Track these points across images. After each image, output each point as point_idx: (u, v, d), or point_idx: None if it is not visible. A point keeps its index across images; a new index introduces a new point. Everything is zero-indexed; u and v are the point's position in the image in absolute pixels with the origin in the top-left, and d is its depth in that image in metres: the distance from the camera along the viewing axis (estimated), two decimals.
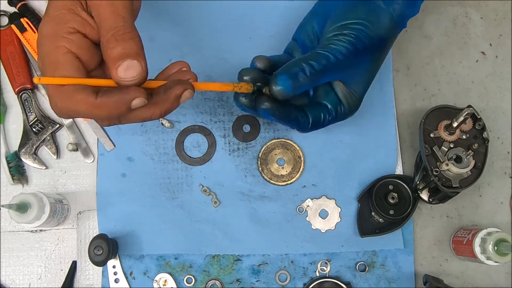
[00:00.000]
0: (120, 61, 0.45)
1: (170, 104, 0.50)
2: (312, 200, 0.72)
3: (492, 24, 0.76)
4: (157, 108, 0.49)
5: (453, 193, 0.65)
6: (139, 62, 0.46)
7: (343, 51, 0.56)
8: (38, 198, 0.65)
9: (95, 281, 0.70)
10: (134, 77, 0.46)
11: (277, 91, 0.55)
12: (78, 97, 0.46)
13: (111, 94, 0.46)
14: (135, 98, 0.46)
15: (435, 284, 0.65)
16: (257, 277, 0.71)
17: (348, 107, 0.60)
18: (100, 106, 0.46)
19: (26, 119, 0.73)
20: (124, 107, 0.47)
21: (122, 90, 0.46)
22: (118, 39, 0.46)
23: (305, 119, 0.59)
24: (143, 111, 0.49)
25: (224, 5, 0.75)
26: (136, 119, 0.50)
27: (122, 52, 0.46)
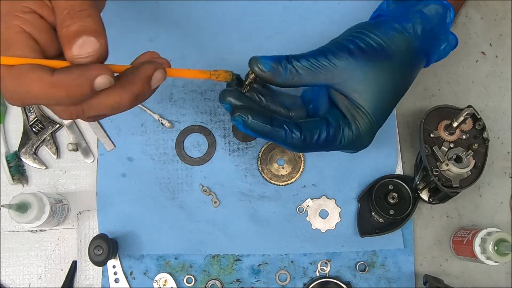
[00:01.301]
0: (75, 38, 0.40)
1: (140, 86, 0.44)
2: (312, 200, 0.72)
3: (492, 24, 0.76)
4: (126, 91, 0.43)
5: (453, 193, 0.65)
6: (97, 39, 0.41)
7: (332, 48, 0.54)
8: (38, 198, 0.65)
9: (95, 281, 0.71)
10: (89, 53, 0.40)
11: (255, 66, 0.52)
12: (32, 76, 0.40)
13: (70, 70, 0.40)
14: (99, 75, 0.41)
15: (435, 284, 0.65)
16: (257, 277, 0.71)
17: (356, 126, 0.54)
18: (57, 84, 0.40)
19: (26, 119, 0.73)
20: (87, 86, 0.40)
21: (83, 66, 0.41)
22: (74, 17, 0.41)
23: (296, 130, 0.53)
24: (109, 96, 0.43)
25: (224, 5, 0.75)
26: (102, 107, 0.43)
27: (78, 29, 0.41)
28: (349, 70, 0.53)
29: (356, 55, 0.53)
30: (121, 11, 0.75)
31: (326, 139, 0.54)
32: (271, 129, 0.53)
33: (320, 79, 0.54)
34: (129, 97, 0.43)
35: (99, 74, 0.41)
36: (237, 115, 0.52)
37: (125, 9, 0.75)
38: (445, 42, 0.60)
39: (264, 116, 0.53)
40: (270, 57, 0.53)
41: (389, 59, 0.55)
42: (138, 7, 0.75)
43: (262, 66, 0.53)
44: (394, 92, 0.56)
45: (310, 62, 0.53)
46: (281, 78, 0.53)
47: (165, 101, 0.74)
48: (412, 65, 0.57)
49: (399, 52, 0.55)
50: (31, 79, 0.40)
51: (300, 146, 0.54)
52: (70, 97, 0.41)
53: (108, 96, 0.43)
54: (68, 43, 0.41)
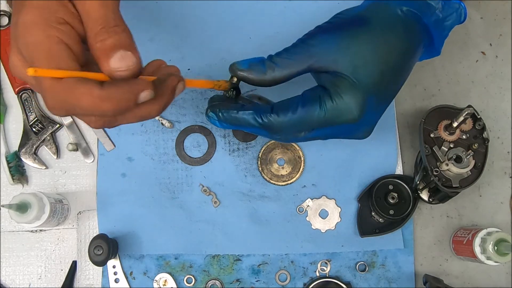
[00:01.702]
0: (112, 52, 0.42)
1: (168, 97, 0.46)
2: (312, 200, 0.72)
3: (492, 24, 0.76)
4: (157, 102, 0.45)
5: (453, 193, 0.65)
6: (133, 54, 0.43)
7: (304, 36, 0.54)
8: (38, 198, 0.65)
9: (95, 281, 0.71)
10: (129, 66, 0.42)
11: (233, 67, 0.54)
12: (81, 90, 0.41)
13: (119, 85, 0.42)
14: (144, 90, 0.43)
15: (435, 284, 0.65)
16: (257, 277, 0.71)
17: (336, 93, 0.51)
18: (106, 98, 0.41)
19: (26, 119, 0.73)
20: (133, 100, 0.42)
21: (130, 81, 0.42)
22: (109, 31, 0.43)
23: (266, 108, 0.53)
24: (144, 107, 0.45)
25: (224, 5, 0.75)
26: (134, 117, 0.46)
27: (114, 43, 0.42)
28: (324, 45, 0.53)
29: (328, 29, 0.54)
30: (121, 11, 0.75)
31: (302, 112, 0.52)
32: (242, 113, 0.54)
33: (300, 64, 0.53)
34: (159, 107, 0.46)
35: (144, 89, 0.43)
36: (209, 112, 0.55)
37: (125, 9, 0.75)
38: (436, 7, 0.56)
39: (235, 106, 0.54)
40: (249, 59, 0.55)
41: (364, 25, 0.53)
42: (138, 7, 0.75)
43: (238, 66, 0.54)
44: (380, 56, 0.53)
45: (288, 51, 0.54)
46: (259, 74, 0.54)
47: None
48: (397, 28, 0.54)
49: (375, 17, 0.53)
50: (81, 92, 0.41)
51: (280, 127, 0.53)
52: (116, 110, 0.42)
53: (143, 107, 0.45)
54: (105, 57, 0.42)
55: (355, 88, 0.52)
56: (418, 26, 0.55)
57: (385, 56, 0.53)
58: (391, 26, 0.54)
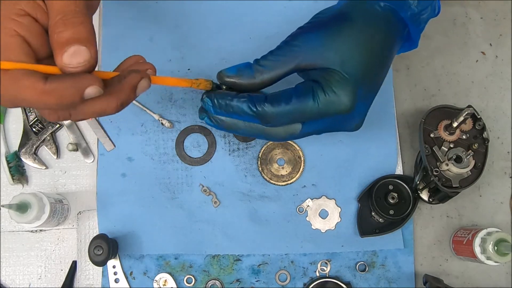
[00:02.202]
0: (66, 46, 0.41)
1: (126, 95, 0.46)
2: (312, 200, 0.72)
3: (492, 24, 0.76)
4: (112, 99, 0.45)
5: (453, 193, 0.65)
6: (88, 49, 0.42)
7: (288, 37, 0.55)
8: (38, 198, 0.65)
9: (95, 281, 0.71)
10: (80, 63, 0.42)
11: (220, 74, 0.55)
12: (25, 83, 0.41)
13: (62, 79, 0.42)
14: (89, 86, 0.42)
15: (435, 284, 0.65)
16: (257, 277, 0.71)
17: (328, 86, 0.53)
18: (49, 92, 0.41)
19: (26, 119, 0.73)
20: (77, 95, 0.42)
21: (75, 76, 0.42)
22: (66, 23, 0.42)
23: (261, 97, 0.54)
24: (96, 103, 0.44)
25: (224, 5, 0.75)
26: (89, 113, 0.45)
27: (69, 37, 0.41)
28: (309, 44, 0.54)
29: (311, 28, 0.55)
30: (121, 11, 0.75)
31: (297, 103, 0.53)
32: (237, 100, 0.54)
33: (287, 65, 0.55)
34: (115, 104, 0.45)
35: (89, 85, 0.42)
36: (205, 97, 0.55)
37: (125, 9, 0.75)
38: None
39: (230, 94, 0.55)
40: (235, 65, 0.55)
41: (346, 21, 0.55)
42: (138, 7, 0.75)
43: (226, 73, 0.55)
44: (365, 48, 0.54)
45: (273, 54, 0.55)
46: (248, 78, 0.55)
47: (165, 101, 0.74)
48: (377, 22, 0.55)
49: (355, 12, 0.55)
50: (24, 85, 0.41)
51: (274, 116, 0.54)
52: (60, 104, 0.42)
53: (95, 103, 0.44)
54: (60, 50, 0.42)
55: (345, 81, 0.53)
56: (395, 20, 0.57)
57: (369, 48, 0.54)
58: (371, 20, 0.55)
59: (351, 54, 0.54)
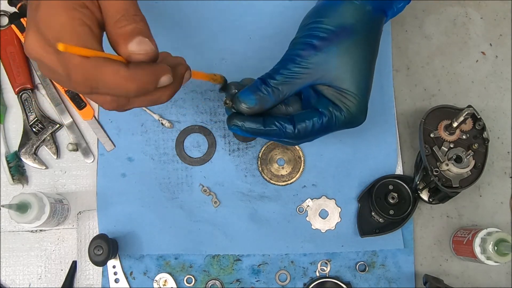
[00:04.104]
0: (131, 37, 0.44)
1: (177, 84, 0.49)
2: (312, 200, 0.72)
3: (492, 24, 0.76)
4: (167, 89, 0.48)
5: (453, 193, 0.65)
6: (150, 41, 0.45)
7: (300, 53, 0.55)
8: (38, 198, 0.65)
9: (95, 281, 0.71)
10: (147, 51, 0.44)
11: (241, 105, 0.55)
12: (108, 69, 0.43)
13: (143, 66, 0.45)
14: (164, 75, 0.45)
15: (435, 284, 0.65)
16: (257, 277, 0.71)
17: (346, 109, 0.55)
18: (131, 78, 0.44)
19: (26, 119, 0.73)
20: (154, 82, 0.45)
21: (153, 64, 0.45)
22: (129, 19, 0.45)
23: (288, 125, 0.56)
24: (157, 92, 0.47)
25: (224, 5, 0.75)
26: (146, 101, 0.48)
27: (133, 30, 0.44)
28: (322, 63, 0.55)
29: (322, 47, 0.55)
30: None
31: (320, 128, 0.56)
32: (264, 129, 0.56)
33: (300, 83, 0.56)
34: (169, 93, 0.48)
35: (165, 74, 0.46)
36: (232, 125, 0.56)
37: None
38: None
39: (257, 119, 0.56)
40: (249, 90, 0.55)
41: (353, 34, 0.55)
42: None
43: (247, 104, 0.55)
44: (368, 61, 0.57)
45: (284, 74, 0.55)
46: (269, 103, 0.55)
47: None
48: (374, 27, 0.57)
49: (358, 23, 0.56)
50: (107, 71, 0.43)
51: (297, 138, 0.57)
52: (139, 90, 0.45)
53: (156, 92, 0.47)
54: (124, 41, 0.44)
55: (361, 103, 0.56)
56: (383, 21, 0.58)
57: (370, 59, 0.57)
58: (371, 27, 0.57)
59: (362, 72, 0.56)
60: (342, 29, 0.55)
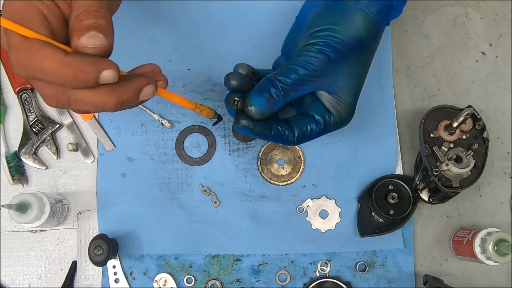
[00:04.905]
0: (86, 31, 0.43)
1: (129, 95, 0.46)
2: (312, 200, 0.72)
3: (492, 24, 0.76)
4: (114, 95, 0.45)
5: (453, 193, 0.65)
6: (105, 37, 0.44)
7: (313, 61, 0.54)
8: (38, 198, 0.65)
9: (95, 281, 0.71)
10: (96, 45, 0.43)
11: (253, 111, 0.54)
12: (45, 52, 0.43)
13: (83, 56, 0.43)
14: (107, 69, 0.44)
15: (435, 284, 0.65)
16: (257, 277, 0.71)
17: (339, 116, 0.57)
18: (69, 64, 0.42)
19: (26, 119, 0.73)
20: (94, 74, 0.43)
21: (96, 57, 0.44)
22: (89, 14, 0.44)
23: (289, 132, 0.57)
24: (98, 94, 0.45)
25: (224, 5, 0.75)
26: (88, 103, 0.46)
27: (90, 24, 0.44)
28: (332, 73, 0.55)
29: (336, 59, 0.55)
30: (121, 11, 0.74)
31: (316, 134, 0.58)
32: (271, 135, 0.57)
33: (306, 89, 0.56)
34: (115, 101, 0.46)
35: (108, 68, 0.44)
36: (242, 125, 0.55)
37: (125, 9, 0.75)
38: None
39: (264, 123, 0.56)
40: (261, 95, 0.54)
41: (363, 47, 0.56)
42: (138, 7, 0.75)
43: (260, 110, 0.55)
44: (366, 71, 0.59)
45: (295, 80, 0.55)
46: (277, 107, 0.56)
47: (165, 101, 0.74)
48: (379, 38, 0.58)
49: (369, 35, 0.56)
50: (44, 54, 0.43)
51: (295, 143, 0.58)
52: (75, 79, 0.43)
53: (97, 94, 0.45)
54: (78, 33, 0.44)
55: (352, 110, 0.58)
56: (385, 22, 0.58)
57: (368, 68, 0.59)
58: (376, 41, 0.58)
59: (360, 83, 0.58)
60: (356, 43, 0.55)
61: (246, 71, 0.57)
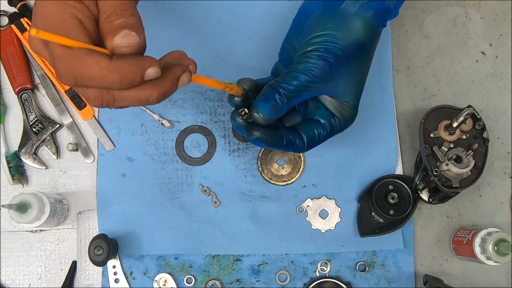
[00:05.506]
0: (118, 30, 0.44)
1: (169, 86, 0.47)
2: (312, 200, 0.72)
3: (492, 24, 0.76)
4: (156, 88, 0.47)
5: (453, 193, 0.65)
6: (137, 34, 0.45)
7: (314, 68, 0.54)
8: (38, 198, 0.65)
9: (95, 281, 0.71)
10: (130, 43, 0.44)
11: (260, 118, 0.54)
12: (90, 59, 0.43)
13: (127, 57, 0.44)
14: (151, 67, 0.45)
15: (435, 284, 0.65)
16: (257, 277, 0.71)
17: (343, 118, 0.58)
18: (114, 69, 0.43)
19: (26, 119, 0.73)
20: (139, 73, 0.44)
21: (138, 56, 0.45)
22: (119, 14, 0.45)
23: (300, 139, 0.57)
24: (142, 90, 0.46)
25: (224, 5, 0.75)
26: (133, 99, 0.47)
27: (121, 24, 0.45)
28: (333, 79, 0.56)
29: (337, 65, 0.55)
30: None
31: (323, 139, 0.59)
32: (284, 145, 0.57)
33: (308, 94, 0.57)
34: (158, 93, 0.47)
35: (151, 65, 0.45)
36: (256, 136, 0.56)
37: None
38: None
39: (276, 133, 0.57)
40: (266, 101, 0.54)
41: (364, 52, 0.57)
42: (138, 7, 0.74)
43: (266, 117, 0.55)
44: (366, 74, 0.59)
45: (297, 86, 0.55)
46: (282, 113, 0.56)
47: (165, 101, 0.73)
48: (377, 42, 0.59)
49: (369, 41, 0.57)
50: (89, 61, 0.43)
51: (305, 149, 0.59)
52: (122, 82, 0.44)
53: (141, 90, 0.46)
54: (111, 34, 0.44)
55: (355, 111, 0.59)
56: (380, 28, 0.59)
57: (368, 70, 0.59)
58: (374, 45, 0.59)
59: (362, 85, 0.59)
60: (356, 47, 0.55)
61: (248, 86, 0.57)
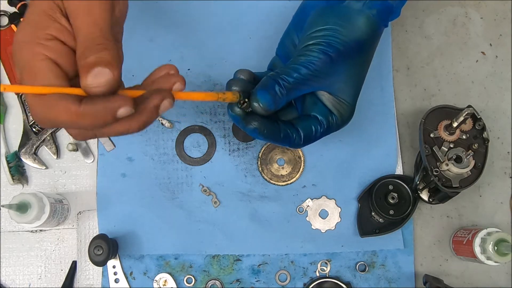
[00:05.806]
0: (90, 68, 0.43)
1: (148, 116, 0.46)
2: (312, 200, 0.72)
3: (492, 24, 0.76)
4: (134, 121, 0.46)
5: (453, 193, 0.65)
6: (111, 70, 0.43)
7: (315, 61, 0.54)
8: (38, 198, 0.65)
9: (95, 281, 0.71)
10: (101, 83, 0.43)
11: (260, 107, 0.54)
12: (60, 106, 0.43)
13: (95, 101, 0.43)
14: (122, 107, 0.43)
15: (435, 284, 0.65)
16: (257, 277, 0.71)
17: (340, 116, 0.58)
18: (84, 115, 0.43)
19: (26, 119, 0.73)
20: (110, 115, 0.43)
21: (107, 98, 0.43)
22: (92, 50, 0.44)
23: (296, 134, 0.57)
24: (120, 126, 0.46)
25: (224, 5, 0.75)
26: (112, 133, 0.46)
27: (94, 61, 0.43)
28: (332, 74, 0.56)
29: (338, 60, 0.55)
30: None
31: (320, 135, 0.58)
32: (281, 138, 0.57)
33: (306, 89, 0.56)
34: (137, 125, 0.46)
35: (122, 106, 0.43)
36: (254, 126, 0.55)
37: None
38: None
39: (274, 128, 0.56)
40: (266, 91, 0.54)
41: (364, 49, 0.57)
42: (138, 7, 0.75)
43: (266, 107, 0.54)
44: (366, 72, 0.59)
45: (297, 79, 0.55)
46: (280, 105, 0.55)
47: None
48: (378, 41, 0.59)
49: (370, 39, 0.57)
50: (59, 108, 0.43)
51: (301, 145, 0.58)
52: (94, 125, 0.44)
53: (119, 125, 0.45)
54: (84, 73, 0.43)
55: (352, 110, 0.59)
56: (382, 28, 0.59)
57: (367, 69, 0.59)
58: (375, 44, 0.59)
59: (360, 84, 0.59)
60: (357, 44, 0.55)
61: (247, 76, 0.56)
